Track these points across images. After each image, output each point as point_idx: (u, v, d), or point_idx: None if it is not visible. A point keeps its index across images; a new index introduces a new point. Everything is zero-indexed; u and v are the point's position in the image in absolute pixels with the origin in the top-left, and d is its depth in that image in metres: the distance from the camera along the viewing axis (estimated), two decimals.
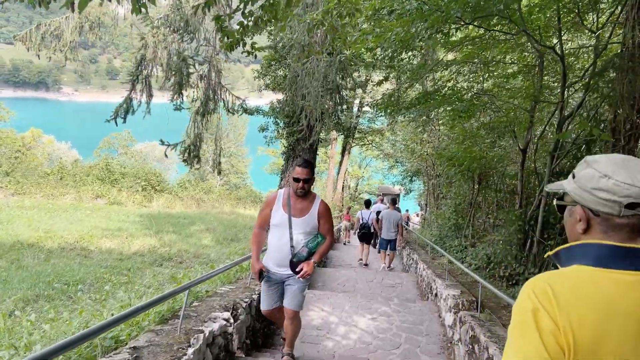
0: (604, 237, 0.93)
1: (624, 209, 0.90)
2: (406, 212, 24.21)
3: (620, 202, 0.90)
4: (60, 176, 23.63)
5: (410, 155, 18.93)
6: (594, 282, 0.88)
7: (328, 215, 3.40)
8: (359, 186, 38.07)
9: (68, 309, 5.25)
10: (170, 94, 7.82)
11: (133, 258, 8.39)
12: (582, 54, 8.24)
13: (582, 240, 0.97)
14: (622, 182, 0.90)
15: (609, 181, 0.91)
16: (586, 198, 0.96)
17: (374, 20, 4.46)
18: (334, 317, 5.57)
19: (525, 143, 7.67)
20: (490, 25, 5.91)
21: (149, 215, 15.94)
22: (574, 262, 0.95)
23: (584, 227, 0.97)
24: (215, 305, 3.81)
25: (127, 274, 6.94)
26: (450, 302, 5.34)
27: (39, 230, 10.11)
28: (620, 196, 0.90)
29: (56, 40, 7.81)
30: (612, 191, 0.91)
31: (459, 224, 10.84)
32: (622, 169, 0.92)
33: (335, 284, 7.94)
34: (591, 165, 0.97)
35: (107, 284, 6.39)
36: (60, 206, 17.30)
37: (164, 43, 7.41)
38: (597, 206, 0.94)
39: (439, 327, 5.50)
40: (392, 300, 6.46)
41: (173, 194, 24.34)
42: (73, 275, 6.52)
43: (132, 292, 5.82)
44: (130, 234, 11.09)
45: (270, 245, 3.43)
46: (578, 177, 0.99)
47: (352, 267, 10.54)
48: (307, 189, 3.30)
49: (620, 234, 0.91)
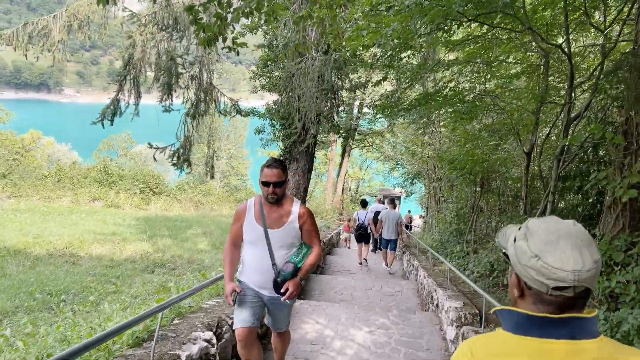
0: (533, 308, 0.97)
1: (551, 290, 0.93)
2: (408, 213, 23.92)
3: (547, 284, 0.93)
4: (58, 178, 23.41)
5: (411, 158, 18.64)
6: (509, 347, 0.95)
7: (311, 221, 2.92)
8: (359, 188, 37.79)
9: (47, 322, 4.97)
10: (159, 95, 7.54)
11: (124, 265, 8.12)
12: (588, 53, 7.97)
13: (518, 302, 1.02)
14: (549, 266, 0.92)
15: (538, 262, 0.93)
16: (520, 271, 0.99)
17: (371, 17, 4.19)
18: (329, 331, 5.28)
19: (530, 146, 7.38)
20: (493, 22, 5.63)
21: (145, 219, 15.69)
22: (501, 326, 1.02)
23: (519, 294, 1.01)
24: (197, 323, 3.52)
25: (115, 283, 6.66)
26: (452, 315, 5.05)
27: (29, 235, 9.85)
28: (547, 278, 0.92)
29: (44, 39, 7.56)
30: (540, 272, 0.93)
31: (460, 229, 10.54)
32: (553, 248, 0.93)
33: (332, 292, 7.65)
34: (527, 239, 0.98)
35: (93, 294, 6.12)
36: (56, 209, 17.07)
37: (152, 42, 7.13)
38: (528, 281, 0.97)
39: (440, 341, 5.21)
40: (391, 311, 6.17)
41: (171, 196, 24.08)
42: (57, 285, 6.25)
43: (118, 303, 5.53)
44: (124, 238, 10.83)
45: (248, 265, 2.92)
46: (516, 246, 1.00)
47: (351, 273, 10.25)
48: (280, 194, 2.79)
49: (548, 308, 0.95)
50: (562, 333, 0.92)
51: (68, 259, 8.11)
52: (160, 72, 7.31)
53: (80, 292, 6.13)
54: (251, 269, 2.89)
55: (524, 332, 0.95)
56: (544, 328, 0.93)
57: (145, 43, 7.10)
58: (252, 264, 2.88)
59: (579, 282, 0.90)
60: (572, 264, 0.91)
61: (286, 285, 2.73)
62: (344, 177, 27.97)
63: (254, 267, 2.87)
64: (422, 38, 5.20)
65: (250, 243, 2.87)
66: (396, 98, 8.57)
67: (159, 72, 7.33)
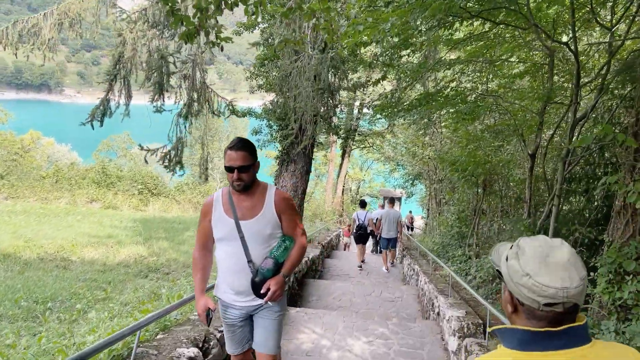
0: (527, 324, 1.03)
1: (542, 306, 0.99)
2: (409, 214, 23.69)
3: (539, 301, 0.99)
4: (56, 179, 23.24)
5: (412, 159, 18.42)
6: None
7: (291, 209, 2.47)
8: (360, 189, 37.55)
9: (31, 332, 4.76)
10: (150, 94, 7.29)
11: (116, 269, 7.91)
12: (593, 53, 7.75)
13: (512, 317, 1.08)
14: (540, 284, 0.98)
15: (530, 280, 1.00)
16: (513, 288, 1.04)
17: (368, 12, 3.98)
18: (326, 341, 5.06)
19: (535, 147, 7.16)
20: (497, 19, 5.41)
21: (142, 220, 15.49)
22: (502, 343, 1.07)
23: (512, 309, 1.07)
24: (182, 337, 3.30)
25: (106, 289, 6.45)
26: (454, 325, 4.83)
27: (21, 238, 9.64)
28: (538, 296, 0.99)
29: (34, 37, 7.34)
30: (532, 290, 0.99)
31: (462, 232, 10.33)
32: (543, 268, 1.00)
33: (330, 299, 7.44)
34: (519, 257, 1.04)
35: (82, 301, 5.91)
36: (52, 210, 16.89)
37: (143, 39, 6.89)
38: (521, 298, 1.03)
39: (441, 352, 4.98)
40: (390, 319, 5.95)
41: (170, 197, 23.89)
42: (45, 291, 6.03)
43: (106, 311, 5.33)
44: (119, 241, 10.62)
45: (221, 267, 2.48)
46: (508, 265, 1.06)
47: (351, 277, 10.03)
48: (248, 180, 2.33)
49: (540, 323, 1.01)
50: (562, 344, 0.99)
51: (59, 263, 7.89)
52: (151, 71, 7.07)
53: (69, 299, 5.92)
54: (226, 271, 2.44)
55: (528, 348, 1.00)
56: (545, 342, 0.99)
57: (135, 41, 6.85)
58: (226, 265, 2.42)
59: (568, 298, 0.98)
60: (561, 282, 0.98)
61: (267, 284, 2.30)
62: (344, 178, 27.74)
63: (228, 267, 2.42)
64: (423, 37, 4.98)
65: (221, 240, 2.42)
66: (396, 98, 8.35)
67: (150, 71, 7.09)
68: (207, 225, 2.47)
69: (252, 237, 2.36)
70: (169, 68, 7.24)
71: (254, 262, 2.35)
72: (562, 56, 7.57)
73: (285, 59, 6.81)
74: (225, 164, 2.34)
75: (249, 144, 2.37)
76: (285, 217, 2.43)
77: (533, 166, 7.35)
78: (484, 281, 7.23)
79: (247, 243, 2.35)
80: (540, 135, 7.34)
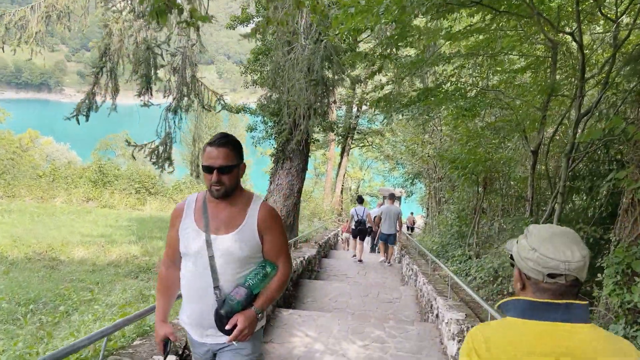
0: (533, 296, 1.13)
1: (546, 277, 1.10)
2: (411, 216, 23.44)
3: (543, 272, 1.10)
4: (53, 178, 23.06)
5: (411, 157, 18.19)
6: (517, 330, 1.10)
7: (277, 229, 1.98)
8: (360, 188, 37.33)
9: (9, 335, 4.55)
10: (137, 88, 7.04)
11: (106, 269, 7.70)
12: (597, 47, 7.53)
13: (520, 294, 1.18)
14: (544, 256, 1.10)
15: (535, 254, 1.12)
16: (521, 264, 1.17)
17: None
18: (319, 345, 4.84)
19: (537, 144, 6.94)
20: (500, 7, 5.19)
21: (138, 219, 15.30)
22: (507, 314, 1.17)
23: (521, 286, 1.18)
24: None
25: (92, 290, 6.23)
26: (453, 328, 4.61)
27: (10, 237, 9.42)
28: (542, 267, 1.10)
29: (21, 30, 7.12)
30: (537, 262, 1.11)
31: (462, 231, 10.11)
32: (548, 243, 1.12)
33: (326, 300, 7.22)
34: (527, 237, 1.19)
35: (66, 303, 5.69)
36: (47, 209, 16.70)
37: (130, 31, 6.63)
38: (527, 272, 1.14)
39: (440, 356, 4.76)
40: (387, 321, 5.72)
41: (167, 196, 23.69)
42: (29, 292, 5.82)
43: (90, 314, 5.11)
44: (111, 240, 10.41)
45: (183, 289, 1.97)
46: (518, 245, 1.20)
47: (348, 277, 9.80)
48: (230, 185, 1.87)
49: (545, 295, 1.12)
50: (560, 316, 1.08)
51: (47, 263, 7.68)
52: (138, 63, 6.81)
53: (53, 300, 5.71)
54: (188, 295, 1.93)
55: (529, 317, 1.10)
56: (545, 312, 1.09)
57: (122, 32, 6.59)
58: (187, 287, 1.93)
59: (569, 271, 1.08)
60: (563, 255, 1.08)
61: (234, 319, 1.80)
62: (344, 177, 27.51)
63: (191, 291, 1.92)
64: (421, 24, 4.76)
65: (186, 256, 1.93)
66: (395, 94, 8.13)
67: (137, 64, 6.82)
68: (175, 235, 1.98)
69: (224, 256, 1.86)
70: (156, 60, 6.97)
71: (222, 289, 1.85)
72: (566, 49, 7.36)
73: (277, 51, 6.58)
74: (203, 162, 1.87)
75: (234, 140, 1.92)
76: (268, 238, 1.94)
77: (535, 163, 7.14)
78: (484, 282, 7.00)
79: (217, 264, 1.85)
80: (543, 131, 7.13)
